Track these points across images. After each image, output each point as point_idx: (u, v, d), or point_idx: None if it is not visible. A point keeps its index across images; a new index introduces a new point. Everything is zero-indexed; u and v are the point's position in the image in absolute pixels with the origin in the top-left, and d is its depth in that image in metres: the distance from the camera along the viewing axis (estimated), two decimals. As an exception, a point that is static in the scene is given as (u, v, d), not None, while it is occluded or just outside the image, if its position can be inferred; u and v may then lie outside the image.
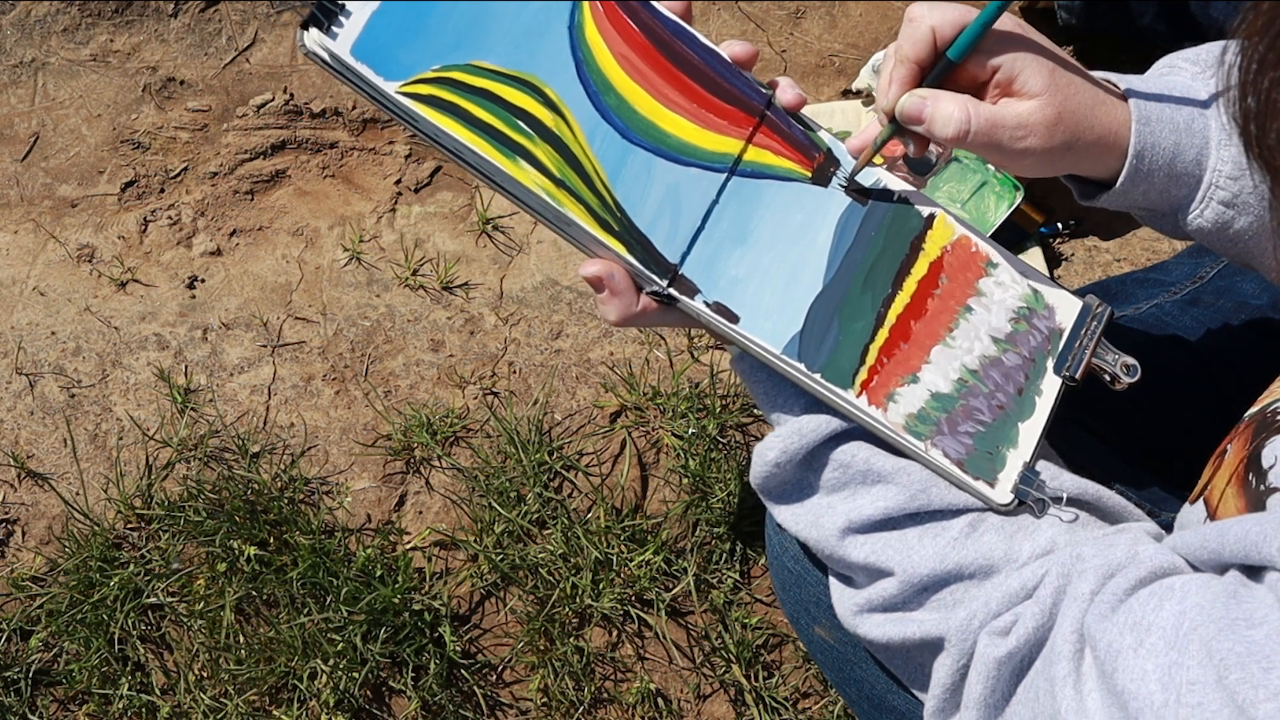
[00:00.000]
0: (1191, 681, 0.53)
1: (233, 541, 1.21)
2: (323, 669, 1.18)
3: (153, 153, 1.37)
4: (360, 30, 0.70)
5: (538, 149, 0.73)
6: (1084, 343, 0.78)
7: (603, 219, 0.73)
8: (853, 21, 1.43)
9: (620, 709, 1.22)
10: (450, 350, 1.31)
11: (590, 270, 0.73)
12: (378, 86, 0.70)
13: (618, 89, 0.75)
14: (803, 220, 0.77)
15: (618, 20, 0.76)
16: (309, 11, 0.70)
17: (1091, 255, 1.35)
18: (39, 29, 1.40)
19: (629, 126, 0.75)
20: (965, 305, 0.78)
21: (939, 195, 1.24)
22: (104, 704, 1.19)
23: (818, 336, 0.75)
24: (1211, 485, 0.76)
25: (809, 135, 0.79)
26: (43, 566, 1.23)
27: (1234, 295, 1.04)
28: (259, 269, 1.34)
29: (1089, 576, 0.64)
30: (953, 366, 0.76)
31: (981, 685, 0.66)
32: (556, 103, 0.74)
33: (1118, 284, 1.10)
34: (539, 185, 0.72)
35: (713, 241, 0.75)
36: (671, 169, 0.75)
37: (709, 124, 0.77)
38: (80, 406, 1.28)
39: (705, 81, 0.77)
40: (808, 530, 0.76)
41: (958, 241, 0.79)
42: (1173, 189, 0.78)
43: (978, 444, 0.74)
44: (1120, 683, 0.56)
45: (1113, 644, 0.58)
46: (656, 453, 1.27)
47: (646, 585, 1.22)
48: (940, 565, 0.70)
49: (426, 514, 1.27)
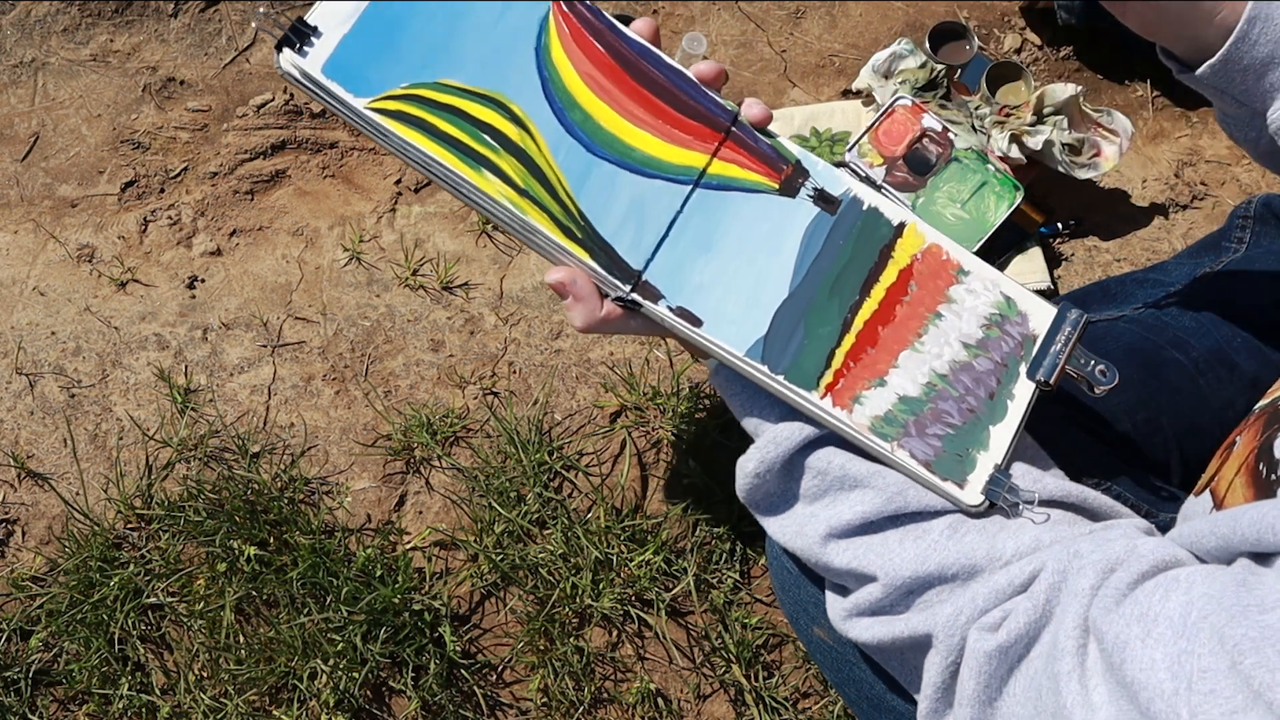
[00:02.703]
0: (1203, 669, 0.52)
1: (233, 541, 1.21)
2: (323, 669, 1.18)
3: (153, 153, 1.37)
4: (332, 50, 0.75)
5: (502, 161, 0.76)
6: (1058, 348, 0.79)
7: (566, 227, 0.77)
8: (853, 21, 1.43)
9: (620, 709, 1.22)
10: (450, 350, 1.31)
11: (554, 277, 0.76)
12: (348, 103, 0.74)
13: (583, 105, 0.79)
14: (769, 230, 0.80)
15: (584, 42, 0.80)
16: (283, 34, 0.74)
17: (1091, 255, 1.34)
18: (39, 29, 1.40)
19: (594, 141, 0.79)
20: (935, 311, 0.79)
21: (939, 195, 1.24)
22: (104, 704, 1.19)
23: (783, 341, 0.77)
24: (1219, 476, 0.76)
25: (776, 148, 0.82)
26: (43, 566, 1.23)
27: (1234, 295, 1.04)
28: (259, 269, 1.34)
29: (1088, 572, 0.64)
30: (921, 371, 0.78)
31: (974, 680, 0.66)
32: (522, 118, 0.77)
33: (1118, 284, 1.10)
34: (503, 194, 0.76)
35: (677, 250, 0.78)
36: (636, 181, 0.78)
37: (674, 139, 0.80)
38: (80, 406, 1.28)
39: (670, 99, 0.81)
40: (793, 540, 0.77)
41: (928, 249, 0.81)
42: (1272, 73, 0.77)
43: (947, 446, 0.75)
44: (1129, 673, 0.56)
45: (1120, 635, 0.58)
46: (656, 453, 1.27)
47: (646, 585, 1.22)
48: (922, 567, 0.71)
49: (426, 514, 1.27)
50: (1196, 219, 1.36)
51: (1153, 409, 0.96)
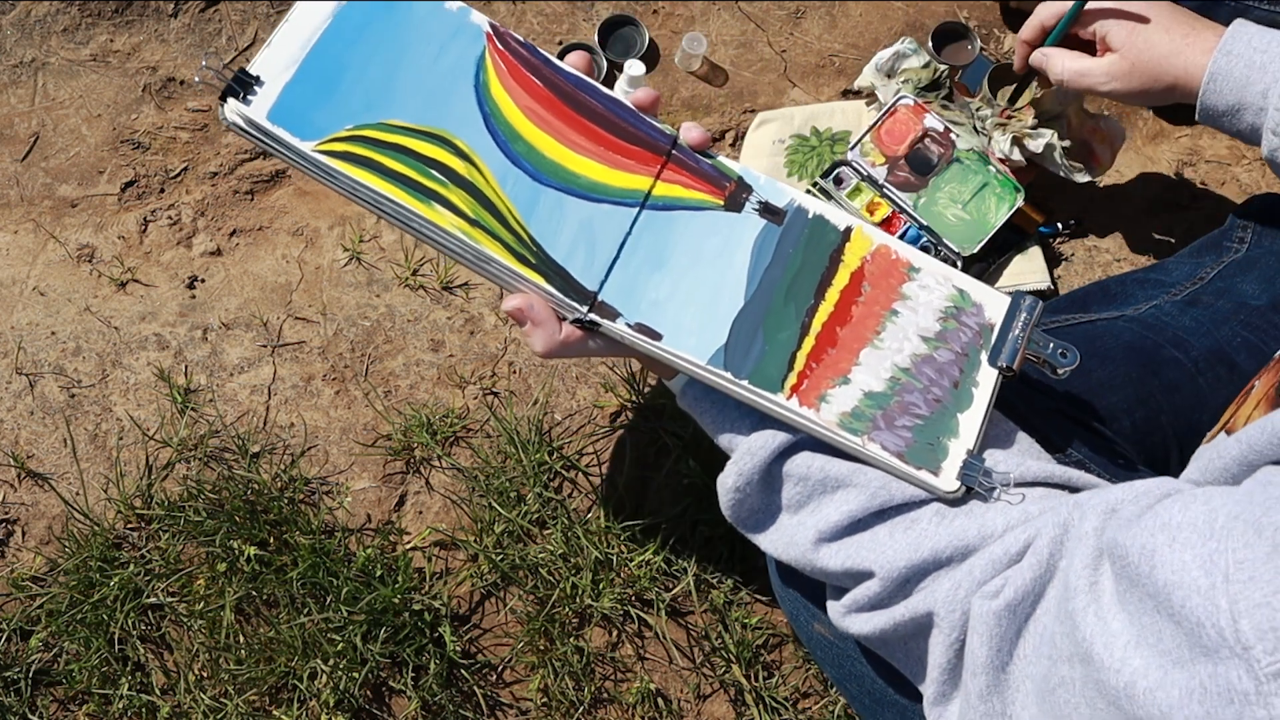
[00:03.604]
0: (1239, 561, 0.51)
1: (233, 541, 1.21)
2: (323, 669, 1.18)
3: (153, 153, 1.37)
4: (276, 97, 0.77)
5: (451, 194, 0.78)
6: (1016, 333, 0.81)
7: (520, 254, 0.79)
8: (853, 21, 1.43)
9: (620, 709, 1.22)
10: (450, 350, 1.31)
11: (511, 304, 0.78)
12: (295, 147, 0.76)
13: (525, 137, 0.81)
14: (719, 243, 0.82)
15: (521, 77, 0.82)
16: (226, 84, 0.76)
17: (1091, 255, 1.35)
18: (39, 29, 1.40)
19: (539, 169, 0.81)
20: (891, 309, 0.81)
21: (940, 195, 1.25)
22: (104, 704, 1.19)
23: (743, 348, 0.79)
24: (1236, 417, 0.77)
25: (717, 167, 0.84)
26: (43, 566, 1.23)
27: (1233, 295, 1.04)
28: (259, 269, 1.34)
29: (1091, 516, 0.65)
30: (884, 366, 0.79)
31: (985, 647, 0.66)
32: (467, 152, 0.80)
33: (1117, 284, 1.10)
34: (455, 226, 0.77)
35: (630, 268, 0.80)
36: (583, 205, 0.81)
37: (616, 164, 0.82)
38: (80, 406, 1.28)
39: (610, 127, 0.83)
40: (786, 551, 0.78)
41: (877, 251, 0.83)
42: (1243, 116, 0.94)
43: (917, 436, 0.77)
44: (1160, 578, 0.54)
45: (1145, 545, 0.57)
46: (656, 453, 1.27)
47: (646, 585, 1.22)
48: (916, 555, 0.71)
49: (426, 514, 1.27)
50: (1196, 219, 1.36)
51: (1152, 408, 0.96)
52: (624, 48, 1.39)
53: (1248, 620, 0.49)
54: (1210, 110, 0.96)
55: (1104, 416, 0.94)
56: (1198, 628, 0.51)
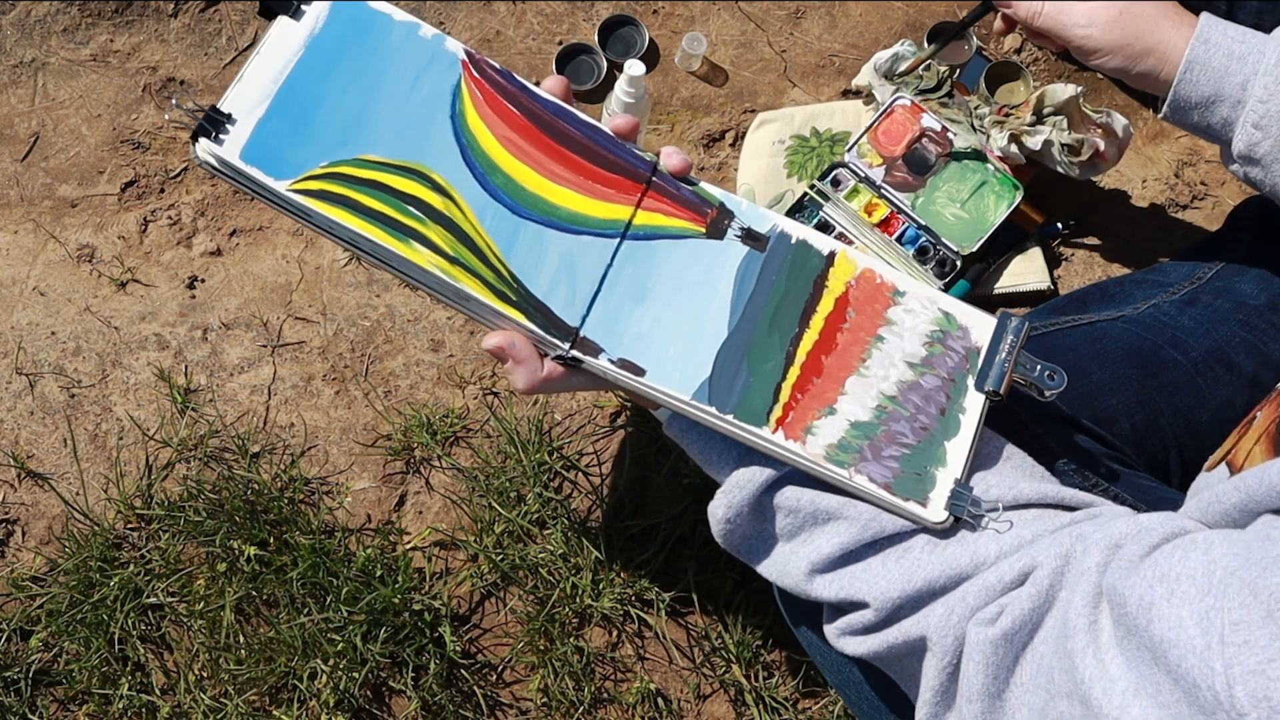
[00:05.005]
0: (1235, 622, 0.52)
1: (233, 541, 1.21)
2: (323, 669, 1.18)
3: (153, 153, 1.37)
4: (248, 136, 0.75)
5: (429, 230, 0.76)
6: (1003, 357, 0.79)
7: (500, 290, 0.77)
8: (853, 21, 1.43)
9: (620, 709, 1.23)
10: (450, 350, 1.31)
11: (492, 342, 0.76)
12: (269, 186, 0.74)
13: (503, 169, 0.80)
14: (701, 272, 0.81)
15: (498, 106, 0.81)
16: (197, 123, 0.74)
17: (1091, 255, 1.35)
18: (39, 29, 1.40)
19: (518, 202, 0.79)
20: (876, 335, 0.80)
21: (939, 195, 1.25)
22: (104, 704, 1.19)
23: (727, 380, 0.77)
24: (1237, 449, 0.77)
25: (698, 194, 0.83)
26: (43, 566, 1.23)
27: (1232, 295, 1.04)
28: (259, 269, 1.34)
29: (1094, 551, 0.64)
30: (870, 395, 0.78)
31: (981, 674, 0.66)
32: (444, 186, 0.78)
33: (1117, 285, 1.10)
34: (433, 264, 0.76)
35: (612, 302, 0.79)
36: (564, 238, 0.79)
37: (596, 194, 0.81)
38: (80, 406, 1.28)
39: (589, 155, 0.82)
40: (780, 579, 0.78)
41: (862, 275, 0.82)
42: (1218, 108, 0.89)
43: (904, 466, 0.75)
44: (1157, 633, 0.55)
45: (1143, 597, 0.57)
46: (656, 453, 1.27)
47: (646, 585, 1.22)
48: (909, 585, 0.71)
49: (426, 514, 1.27)
50: (1196, 219, 1.36)
51: (1151, 409, 0.96)
52: (624, 48, 1.39)
53: (1242, 687, 0.50)
54: (1183, 101, 0.91)
55: (1104, 419, 0.94)
56: (1194, 688, 0.52)
